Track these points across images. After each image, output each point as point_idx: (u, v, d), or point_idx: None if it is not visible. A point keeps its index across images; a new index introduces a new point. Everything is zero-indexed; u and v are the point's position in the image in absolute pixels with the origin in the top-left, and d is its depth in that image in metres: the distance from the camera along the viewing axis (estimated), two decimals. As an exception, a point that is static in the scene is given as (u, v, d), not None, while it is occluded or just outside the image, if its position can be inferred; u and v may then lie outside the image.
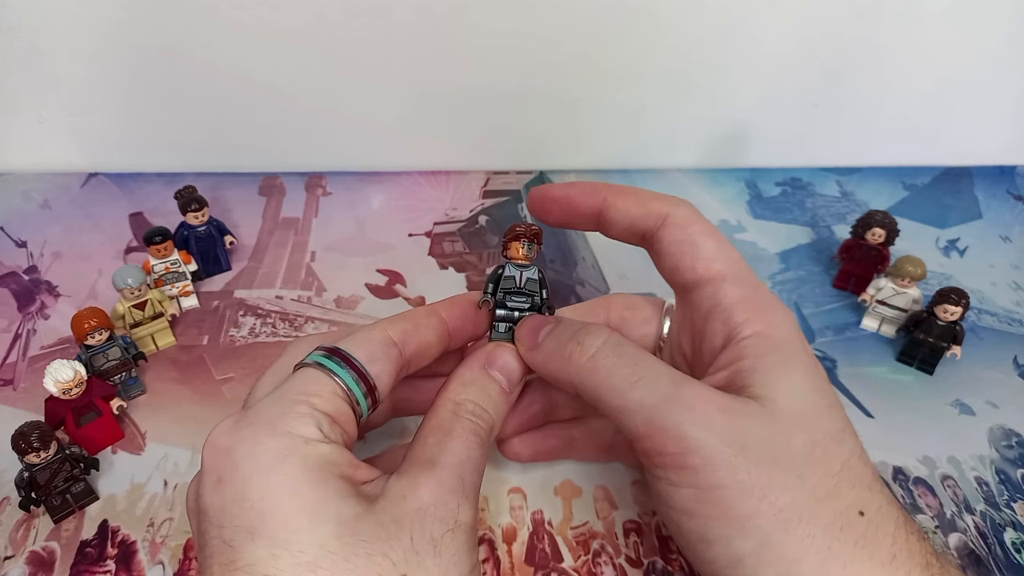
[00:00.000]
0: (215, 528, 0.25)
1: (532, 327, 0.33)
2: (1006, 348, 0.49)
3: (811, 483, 0.26)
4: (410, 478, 0.27)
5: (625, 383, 0.29)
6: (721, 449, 0.27)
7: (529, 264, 0.34)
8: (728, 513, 0.26)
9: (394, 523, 0.25)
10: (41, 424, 0.35)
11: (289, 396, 0.27)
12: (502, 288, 0.34)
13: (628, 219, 0.35)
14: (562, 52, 0.57)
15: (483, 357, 0.33)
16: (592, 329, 0.31)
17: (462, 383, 0.32)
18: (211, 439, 0.26)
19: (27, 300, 0.49)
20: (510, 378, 0.33)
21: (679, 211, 0.34)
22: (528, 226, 0.34)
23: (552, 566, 0.36)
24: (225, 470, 0.25)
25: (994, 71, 0.61)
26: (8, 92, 0.56)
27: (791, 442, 0.27)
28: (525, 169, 0.63)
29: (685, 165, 0.64)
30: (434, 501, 0.27)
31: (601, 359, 0.30)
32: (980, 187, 0.64)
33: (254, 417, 0.27)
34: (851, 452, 0.28)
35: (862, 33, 0.58)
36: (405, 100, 0.59)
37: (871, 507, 0.27)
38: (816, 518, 0.26)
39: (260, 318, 0.49)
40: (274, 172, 0.61)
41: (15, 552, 0.35)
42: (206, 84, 0.56)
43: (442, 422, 0.30)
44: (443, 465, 0.28)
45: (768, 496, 0.26)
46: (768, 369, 0.29)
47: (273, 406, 0.27)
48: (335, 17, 0.53)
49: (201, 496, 0.26)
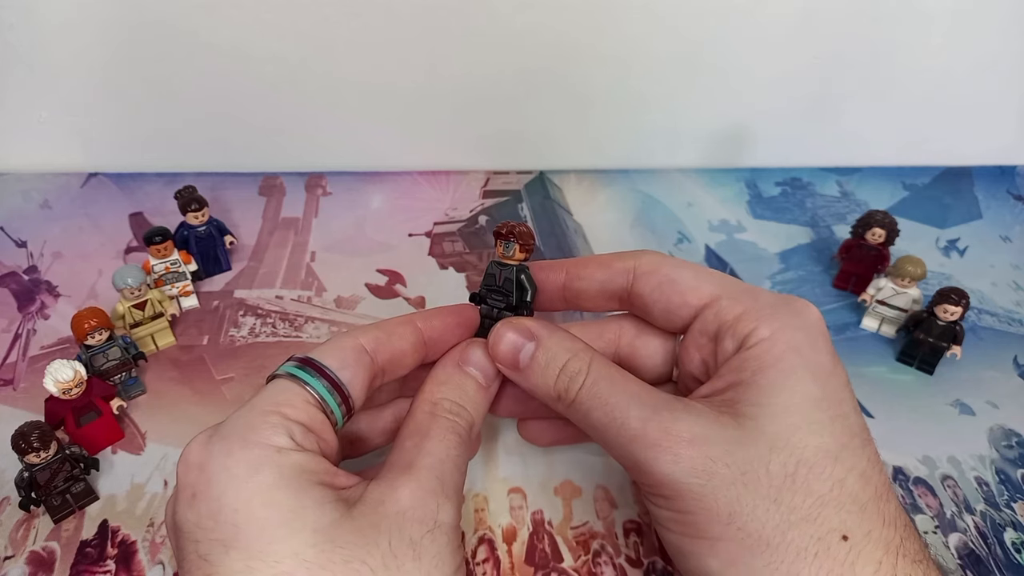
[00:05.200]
0: (191, 543, 0.25)
1: (508, 347, 0.32)
2: (1006, 348, 0.49)
3: (788, 507, 0.26)
4: (388, 482, 0.27)
5: (599, 424, 0.30)
6: (688, 481, 0.27)
7: (509, 263, 0.34)
8: (699, 534, 0.27)
9: (372, 528, 0.25)
10: (41, 424, 0.35)
11: (260, 407, 0.27)
12: (485, 285, 0.34)
13: (596, 284, 0.35)
14: (562, 52, 0.57)
15: (457, 355, 0.33)
16: (573, 368, 0.31)
17: (437, 382, 0.32)
18: (184, 455, 0.26)
19: (27, 300, 0.49)
20: (486, 373, 0.33)
21: (644, 259, 0.34)
22: (511, 225, 0.34)
23: (552, 566, 0.36)
24: (199, 485, 0.25)
25: (994, 71, 0.61)
26: (8, 92, 0.56)
27: (769, 465, 0.27)
28: (525, 169, 0.63)
29: (685, 165, 0.64)
30: (412, 503, 0.27)
31: (579, 404, 0.31)
32: (980, 187, 0.64)
33: (225, 431, 0.27)
34: (849, 469, 0.27)
35: (862, 33, 0.58)
36: (405, 100, 0.59)
37: (858, 531, 0.26)
38: (787, 544, 0.26)
39: (260, 318, 0.49)
40: (274, 172, 0.61)
41: (15, 552, 0.35)
42: (206, 84, 0.57)
43: (419, 424, 0.30)
44: (421, 467, 0.28)
45: (735, 522, 0.26)
46: (763, 386, 0.28)
47: (244, 418, 0.27)
48: (335, 16, 0.53)
49: (176, 512, 0.26)
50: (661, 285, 0.33)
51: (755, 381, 0.29)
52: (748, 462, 0.27)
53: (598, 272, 0.35)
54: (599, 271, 0.35)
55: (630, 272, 0.34)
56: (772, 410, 0.28)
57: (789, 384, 0.28)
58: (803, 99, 0.62)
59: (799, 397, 0.28)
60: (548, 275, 0.35)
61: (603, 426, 0.30)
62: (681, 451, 0.27)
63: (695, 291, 0.32)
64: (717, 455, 0.27)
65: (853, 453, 0.28)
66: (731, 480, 0.27)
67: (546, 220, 0.58)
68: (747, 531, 0.26)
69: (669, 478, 0.27)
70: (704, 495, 0.27)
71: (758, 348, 0.29)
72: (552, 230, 0.58)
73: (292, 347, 0.47)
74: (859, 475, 0.27)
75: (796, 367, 0.29)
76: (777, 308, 0.31)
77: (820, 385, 0.29)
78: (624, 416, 0.29)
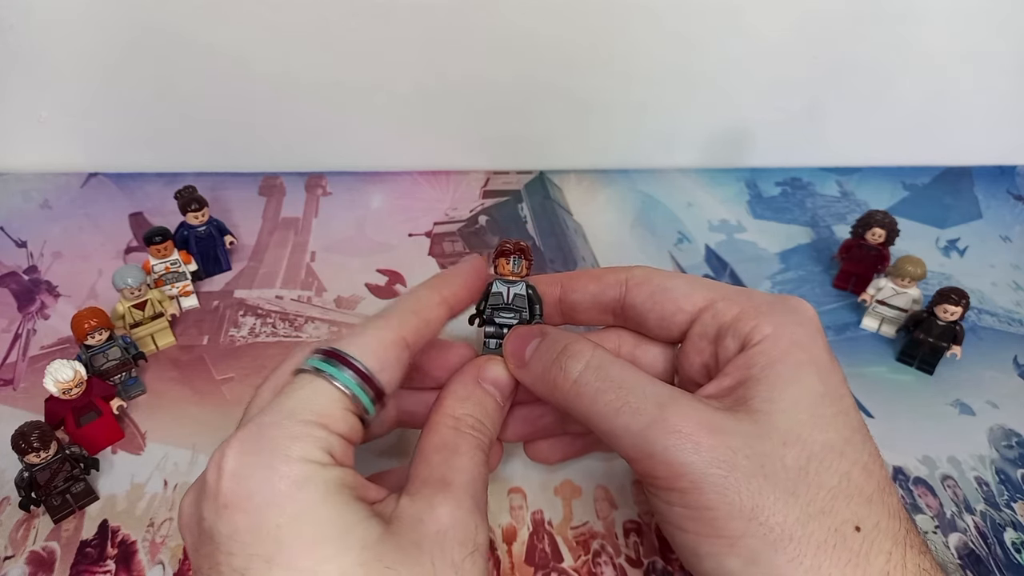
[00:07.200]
0: (223, 555, 0.24)
1: (518, 343, 0.33)
2: (1006, 348, 0.49)
3: (804, 500, 0.26)
4: (425, 499, 0.27)
5: (609, 408, 0.29)
6: (710, 472, 0.26)
7: (517, 280, 0.34)
8: (718, 532, 0.26)
9: (414, 547, 0.25)
10: (41, 424, 0.35)
11: (300, 415, 0.26)
12: (490, 304, 0.34)
13: (589, 296, 0.35)
14: (562, 52, 0.57)
15: (475, 371, 0.33)
16: (574, 350, 0.30)
17: (458, 398, 0.32)
18: (217, 460, 0.25)
19: (27, 300, 0.49)
20: (502, 390, 0.33)
21: (635, 271, 0.34)
22: (516, 242, 0.34)
23: (552, 566, 0.36)
24: (235, 496, 0.24)
25: (994, 71, 0.61)
26: (8, 92, 0.56)
27: (784, 459, 0.27)
28: (525, 169, 0.63)
29: (685, 165, 0.64)
30: (452, 523, 0.26)
31: (584, 384, 0.30)
32: (980, 187, 0.64)
33: (265, 440, 0.25)
34: (853, 463, 0.27)
35: (862, 33, 0.58)
36: (405, 100, 0.59)
37: (868, 522, 0.26)
38: (808, 536, 0.25)
39: (260, 318, 0.49)
40: (274, 172, 0.61)
41: (15, 552, 0.35)
42: (206, 84, 0.57)
43: (445, 439, 0.30)
44: (457, 485, 0.28)
45: (758, 516, 0.26)
46: (772, 381, 0.28)
47: (284, 428, 0.26)
48: (335, 17, 0.53)
49: (204, 519, 0.25)
50: (654, 295, 0.33)
51: (764, 376, 0.29)
52: (765, 455, 0.27)
53: (591, 284, 0.35)
54: (592, 283, 0.35)
55: (622, 284, 0.34)
56: (782, 405, 0.28)
57: (796, 378, 0.28)
58: (803, 99, 0.62)
59: (806, 392, 0.28)
60: (545, 289, 0.35)
61: (615, 410, 0.28)
62: (702, 439, 0.27)
63: (689, 297, 0.33)
64: (738, 446, 0.27)
65: (856, 448, 0.28)
66: (752, 472, 0.26)
67: (546, 220, 0.58)
68: (769, 525, 0.26)
69: (689, 468, 0.26)
70: (726, 487, 0.26)
71: (763, 344, 0.29)
72: (552, 230, 0.58)
73: (292, 347, 0.46)
74: (862, 469, 0.27)
75: (802, 362, 0.29)
76: (774, 306, 0.31)
77: (823, 381, 0.29)
78: (640, 399, 0.28)
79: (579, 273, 0.36)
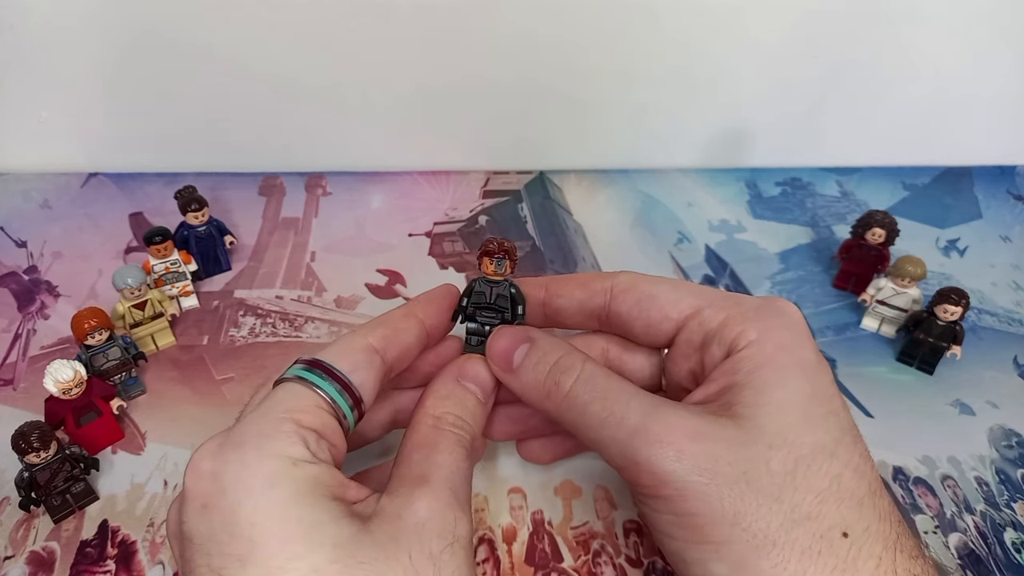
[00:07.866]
0: (202, 556, 0.24)
1: (504, 348, 0.33)
2: (1006, 348, 0.49)
3: (790, 505, 0.26)
4: (403, 495, 0.27)
5: (596, 419, 0.29)
6: (692, 479, 0.27)
7: (500, 280, 0.34)
8: (704, 538, 0.27)
9: (391, 542, 0.25)
10: (41, 424, 0.35)
11: (273, 414, 0.27)
12: (472, 303, 0.34)
13: (575, 302, 0.35)
14: (562, 52, 0.57)
15: (456, 370, 0.33)
16: (566, 365, 0.31)
17: (439, 397, 0.32)
18: (194, 462, 0.26)
19: (27, 300, 0.49)
20: (484, 388, 0.33)
21: (620, 278, 0.34)
22: (500, 242, 0.34)
23: (552, 566, 0.36)
24: (211, 496, 0.25)
25: (994, 71, 0.61)
26: (8, 92, 0.56)
27: (770, 463, 0.27)
28: (525, 169, 0.63)
29: (685, 165, 0.64)
30: (431, 516, 0.26)
31: (574, 397, 0.30)
32: (980, 187, 0.64)
33: (238, 439, 0.26)
34: (844, 465, 0.27)
35: (862, 33, 0.58)
36: (405, 100, 0.59)
37: (858, 527, 0.26)
38: (792, 542, 0.25)
39: (260, 318, 0.49)
40: (274, 172, 0.61)
41: (15, 552, 0.35)
42: (206, 84, 0.57)
43: (425, 437, 0.30)
44: (435, 479, 0.28)
45: (741, 522, 0.26)
46: (757, 385, 0.28)
47: (256, 425, 0.26)
48: (335, 17, 0.53)
49: (185, 522, 0.25)
50: (640, 302, 0.33)
51: (749, 381, 0.29)
52: (749, 461, 0.27)
53: (577, 291, 0.35)
54: (578, 290, 0.35)
55: (607, 292, 0.34)
56: (768, 408, 0.28)
57: (783, 382, 0.28)
58: (803, 99, 0.62)
59: (793, 394, 0.28)
60: (529, 291, 0.35)
61: (601, 421, 0.29)
62: (684, 447, 0.27)
63: (675, 305, 0.33)
64: (720, 452, 0.27)
65: (847, 449, 0.28)
66: (734, 478, 0.26)
67: (546, 220, 0.58)
68: (752, 531, 0.26)
69: (671, 476, 0.27)
70: (708, 494, 0.26)
71: (748, 349, 0.30)
72: (552, 230, 0.58)
73: (292, 347, 0.47)
74: (854, 470, 0.27)
75: (788, 365, 0.29)
76: (760, 310, 0.31)
77: (810, 382, 0.29)
78: (624, 409, 0.29)
79: (565, 278, 0.36)
